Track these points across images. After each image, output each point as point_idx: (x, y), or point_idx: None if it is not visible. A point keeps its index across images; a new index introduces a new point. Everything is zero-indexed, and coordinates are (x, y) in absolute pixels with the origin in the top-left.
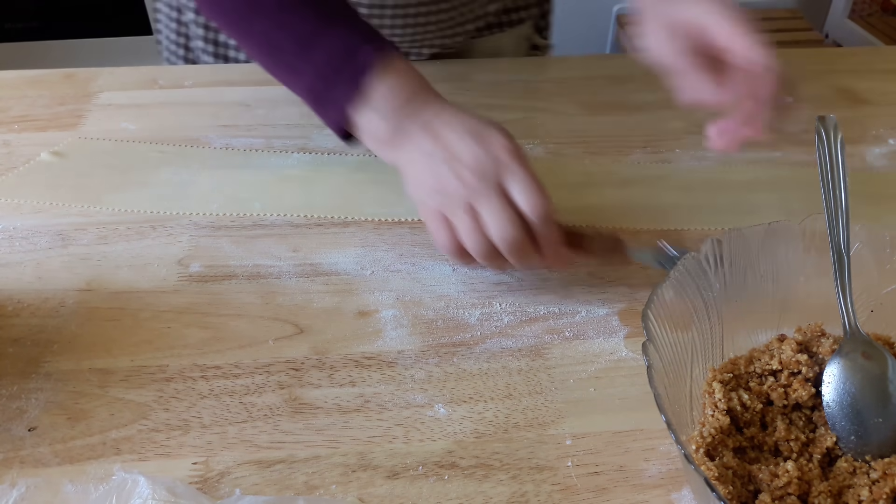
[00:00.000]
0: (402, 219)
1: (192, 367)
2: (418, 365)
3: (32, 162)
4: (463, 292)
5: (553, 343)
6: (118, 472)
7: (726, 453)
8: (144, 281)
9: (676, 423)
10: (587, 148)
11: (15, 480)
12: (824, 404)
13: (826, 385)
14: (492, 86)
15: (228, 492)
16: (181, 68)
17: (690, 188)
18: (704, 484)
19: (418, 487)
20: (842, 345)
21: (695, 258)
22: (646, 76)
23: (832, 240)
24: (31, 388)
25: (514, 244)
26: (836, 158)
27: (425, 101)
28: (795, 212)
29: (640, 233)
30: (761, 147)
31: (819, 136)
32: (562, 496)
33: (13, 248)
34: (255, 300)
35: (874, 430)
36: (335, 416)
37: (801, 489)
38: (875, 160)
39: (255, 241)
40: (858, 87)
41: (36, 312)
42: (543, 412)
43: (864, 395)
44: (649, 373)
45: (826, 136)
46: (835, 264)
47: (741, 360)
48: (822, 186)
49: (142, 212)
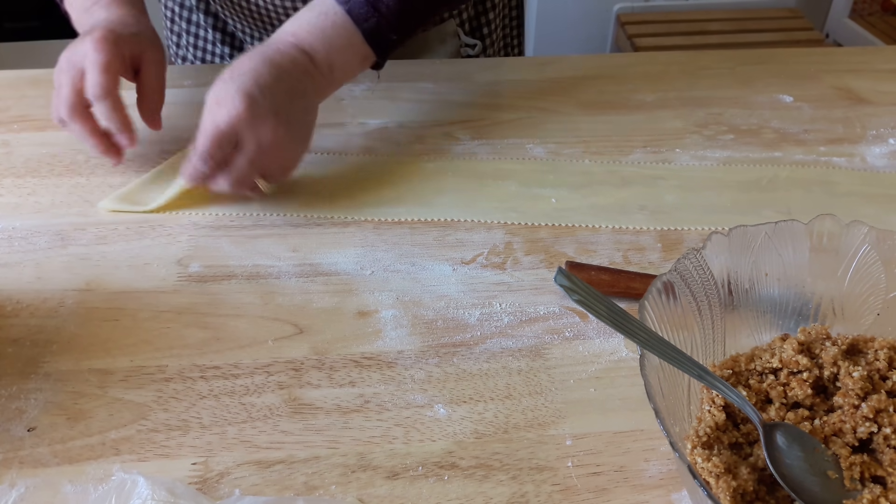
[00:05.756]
0: (402, 219)
1: (191, 368)
2: (418, 365)
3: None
4: (463, 292)
5: (553, 343)
6: (117, 472)
7: (722, 449)
8: (144, 281)
9: (672, 416)
10: (587, 148)
11: (14, 481)
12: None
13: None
14: (492, 86)
15: (228, 492)
16: (181, 68)
17: (690, 188)
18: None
19: (418, 488)
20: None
21: (698, 253)
22: (646, 76)
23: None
24: (31, 389)
25: (96, 94)
26: (601, 298)
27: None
28: (795, 212)
29: (640, 233)
30: (759, 147)
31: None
32: (562, 496)
33: (13, 248)
34: (254, 300)
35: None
36: (335, 417)
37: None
38: (875, 160)
39: (255, 241)
40: (858, 86)
41: (35, 312)
42: (543, 412)
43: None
44: (641, 362)
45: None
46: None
47: (742, 358)
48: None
49: (141, 212)
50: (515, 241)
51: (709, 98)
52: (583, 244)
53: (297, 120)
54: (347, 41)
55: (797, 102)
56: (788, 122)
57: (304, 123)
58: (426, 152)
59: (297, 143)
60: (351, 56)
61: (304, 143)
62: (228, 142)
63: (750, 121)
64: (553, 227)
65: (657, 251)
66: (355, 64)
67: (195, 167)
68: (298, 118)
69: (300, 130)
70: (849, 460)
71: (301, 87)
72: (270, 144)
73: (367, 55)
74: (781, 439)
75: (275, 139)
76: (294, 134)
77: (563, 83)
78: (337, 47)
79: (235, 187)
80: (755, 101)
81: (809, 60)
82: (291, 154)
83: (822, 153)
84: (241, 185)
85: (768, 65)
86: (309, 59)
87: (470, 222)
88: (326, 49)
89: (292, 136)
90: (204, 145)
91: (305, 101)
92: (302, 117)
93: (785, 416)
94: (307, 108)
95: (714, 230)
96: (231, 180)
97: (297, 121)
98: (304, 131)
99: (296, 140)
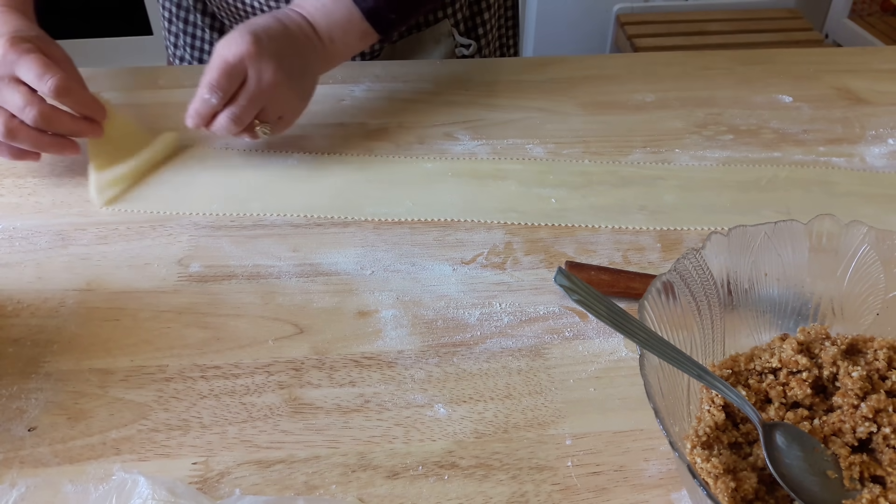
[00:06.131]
0: (402, 219)
1: (191, 368)
2: (418, 365)
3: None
4: (463, 292)
5: (553, 343)
6: (118, 472)
7: (722, 449)
8: (144, 281)
9: (671, 416)
10: (587, 148)
11: (15, 480)
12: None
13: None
14: (492, 86)
15: (228, 492)
16: (181, 68)
17: (690, 188)
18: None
19: (418, 487)
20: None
21: (697, 253)
22: (645, 76)
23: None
24: (31, 389)
25: (37, 118)
26: (600, 298)
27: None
28: (794, 212)
29: (639, 233)
30: (758, 147)
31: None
32: (562, 496)
33: (13, 248)
34: (255, 300)
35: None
36: (335, 416)
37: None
38: (875, 160)
39: (255, 241)
40: (858, 87)
41: (36, 312)
42: (543, 412)
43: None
44: (641, 362)
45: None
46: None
47: (742, 357)
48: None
49: (142, 212)
50: (515, 241)
51: (708, 98)
52: (582, 244)
53: (296, 74)
54: (347, 18)
55: (796, 102)
56: (788, 122)
57: (303, 81)
58: (426, 152)
59: (295, 94)
60: (350, 32)
61: (301, 100)
62: (237, 74)
63: (749, 121)
64: (553, 227)
65: (657, 251)
66: (355, 40)
67: (201, 98)
68: (297, 74)
69: (299, 85)
70: (848, 460)
71: (302, 47)
72: (271, 84)
73: (366, 32)
74: (781, 439)
75: (275, 80)
76: (293, 84)
77: (563, 83)
78: (337, 22)
79: (234, 124)
80: (754, 102)
81: (809, 61)
82: (289, 103)
83: (822, 153)
84: (239, 122)
85: (768, 65)
86: (311, 28)
87: (470, 222)
88: (327, 23)
89: (291, 85)
90: (212, 76)
91: (304, 62)
92: (300, 74)
93: (784, 415)
94: (306, 69)
95: (713, 230)
96: (231, 115)
97: (297, 75)
98: (302, 88)
99: (294, 90)
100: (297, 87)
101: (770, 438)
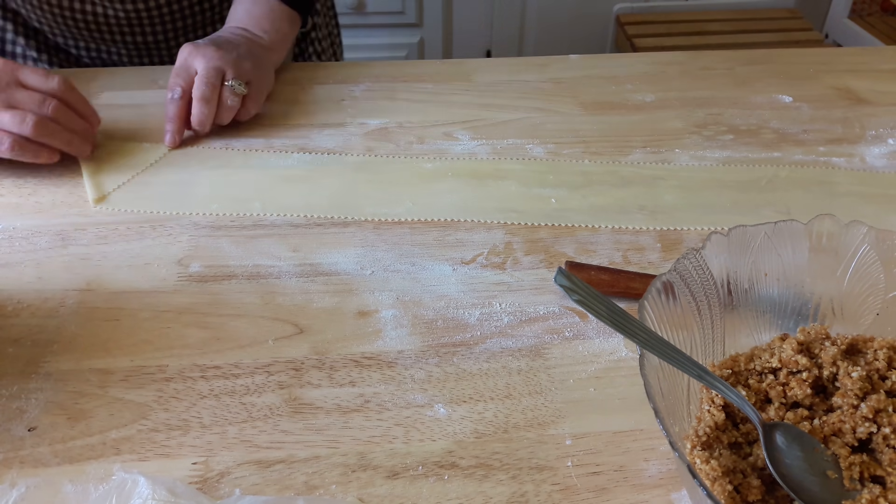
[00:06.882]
0: (402, 219)
1: (191, 367)
2: (418, 365)
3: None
4: (463, 292)
5: (553, 343)
6: (118, 472)
7: (722, 449)
8: (144, 281)
9: (671, 416)
10: (587, 148)
11: (15, 480)
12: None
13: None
14: (492, 86)
15: (228, 492)
16: None
17: (690, 188)
18: (690, 475)
19: (418, 487)
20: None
21: (697, 253)
22: (645, 76)
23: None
24: (31, 389)
25: (57, 110)
26: (600, 298)
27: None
28: (794, 212)
29: (639, 233)
30: (758, 147)
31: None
32: (562, 496)
33: (13, 248)
34: (254, 300)
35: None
36: (335, 416)
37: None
38: (874, 160)
39: (255, 241)
40: (858, 87)
41: (36, 312)
42: (543, 412)
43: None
44: (641, 362)
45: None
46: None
47: (742, 357)
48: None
49: (142, 212)
50: (515, 241)
51: (708, 98)
52: (582, 244)
53: (242, 52)
54: (269, 8)
55: (796, 102)
56: (788, 122)
57: (251, 58)
58: (426, 152)
59: (249, 63)
60: (276, 20)
61: (257, 67)
62: (185, 69)
63: (749, 121)
64: (553, 227)
65: (657, 251)
66: (286, 25)
67: (167, 102)
68: (243, 52)
69: (248, 59)
70: (848, 460)
71: (238, 39)
72: (218, 57)
73: (291, 16)
74: (781, 439)
75: (221, 54)
76: (241, 56)
77: (563, 83)
78: (263, 15)
79: (205, 104)
80: (754, 102)
81: (809, 61)
82: (245, 69)
83: (822, 153)
84: (208, 99)
85: (768, 65)
86: (242, 29)
87: (470, 222)
88: (254, 19)
89: (240, 55)
90: (168, 84)
91: (245, 49)
92: (247, 53)
93: (784, 415)
94: (250, 52)
95: (713, 230)
96: (199, 95)
97: (243, 53)
98: (253, 59)
99: (245, 60)
100: (248, 58)
101: (770, 438)
